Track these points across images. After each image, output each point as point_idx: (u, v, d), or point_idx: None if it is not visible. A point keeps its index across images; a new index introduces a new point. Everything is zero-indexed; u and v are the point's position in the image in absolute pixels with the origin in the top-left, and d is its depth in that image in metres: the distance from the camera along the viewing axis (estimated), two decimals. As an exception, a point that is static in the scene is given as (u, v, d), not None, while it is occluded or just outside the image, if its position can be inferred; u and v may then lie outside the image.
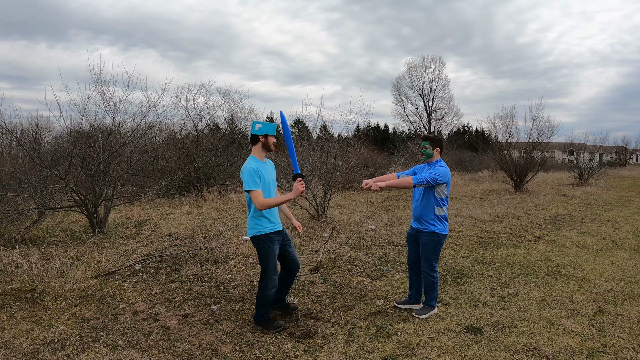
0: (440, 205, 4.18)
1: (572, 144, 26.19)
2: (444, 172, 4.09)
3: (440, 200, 4.18)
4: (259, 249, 3.84)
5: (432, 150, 4.23)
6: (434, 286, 4.29)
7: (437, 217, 4.19)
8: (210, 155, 13.47)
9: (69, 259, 5.88)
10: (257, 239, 3.82)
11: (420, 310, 4.31)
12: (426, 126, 53.64)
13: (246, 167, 3.71)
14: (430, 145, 4.22)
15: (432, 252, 4.22)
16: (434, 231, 4.18)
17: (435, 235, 4.19)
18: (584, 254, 6.72)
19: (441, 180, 4.07)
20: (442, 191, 4.16)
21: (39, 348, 3.52)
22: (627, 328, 4.00)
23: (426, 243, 4.22)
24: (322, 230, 8.23)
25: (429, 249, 4.22)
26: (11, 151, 10.33)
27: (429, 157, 4.26)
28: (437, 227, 4.19)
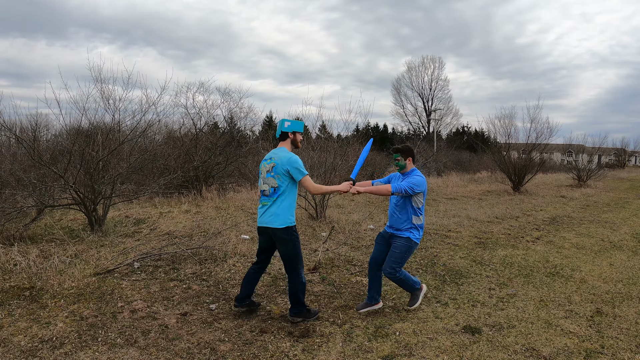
0: (417, 215, 4.20)
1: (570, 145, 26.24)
2: (420, 182, 4.11)
3: (417, 210, 4.19)
4: (289, 240, 3.86)
5: (405, 161, 4.25)
6: (406, 279, 4.28)
7: (414, 225, 4.20)
8: (209, 154, 13.46)
9: (68, 257, 5.88)
10: (289, 230, 3.86)
11: (411, 302, 4.40)
12: (425, 126, 53.72)
13: (292, 156, 3.86)
14: (402, 156, 4.24)
15: (400, 257, 4.19)
16: (408, 237, 4.19)
17: (409, 241, 4.18)
18: (582, 255, 6.74)
19: (418, 190, 4.09)
20: (419, 200, 4.17)
21: (37, 346, 3.52)
22: (624, 329, 4.01)
23: (398, 247, 4.18)
24: (321, 230, 8.23)
25: (399, 253, 4.18)
26: (10, 148, 10.32)
27: (403, 168, 4.28)
28: (413, 234, 4.20)
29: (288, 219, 3.85)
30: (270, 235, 3.92)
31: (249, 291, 4.18)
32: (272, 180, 3.86)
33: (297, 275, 3.95)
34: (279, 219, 3.84)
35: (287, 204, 3.86)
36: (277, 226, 3.84)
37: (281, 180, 3.83)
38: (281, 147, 3.97)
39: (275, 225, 3.85)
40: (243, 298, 4.18)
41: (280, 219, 3.83)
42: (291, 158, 3.82)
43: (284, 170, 3.81)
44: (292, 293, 3.99)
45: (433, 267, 5.97)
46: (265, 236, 4.01)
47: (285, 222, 3.83)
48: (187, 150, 13.29)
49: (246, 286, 4.15)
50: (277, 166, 3.84)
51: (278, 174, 3.83)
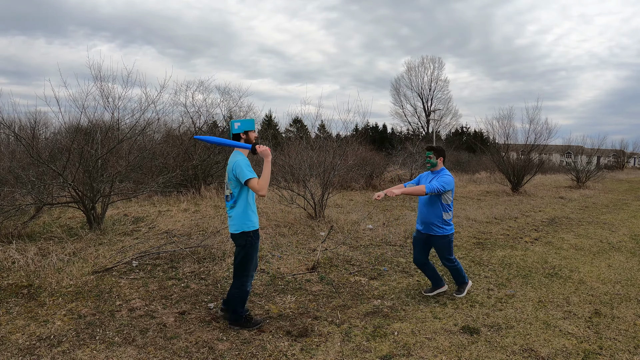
0: (447, 211, 4.56)
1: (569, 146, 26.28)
2: (449, 180, 4.44)
3: (447, 206, 4.54)
4: (244, 245, 3.78)
5: (436, 160, 4.60)
6: (459, 270, 4.79)
7: (444, 221, 4.55)
8: (208, 152, 13.46)
9: (66, 255, 5.87)
10: (245, 235, 3.77)
11: (458, 291, 4.83)
12: (424, 127, 53.72)
13: (237, 159, 3.71)
14: (434, 154, 4.59)
15: (447, 250, 4.65)
16: (443, 234, 4.57)
17: (446, 237, 4.59)
18: (580, 256, 6.74)
19: (448, 188, 4.41)
20: (448, 197, 4.51)
21: (35, 344, 3.51)
22: (623, 330, 4.01)
23: (441, 246, 4.63)
24: (320, 230, 8.23)
25: (444, 249, 4.64)
26: (9, 146, 10.31)
27: (433, 166, 4.63)
28: (446, 229, 4.57)
29: (244, 224, 3.76)
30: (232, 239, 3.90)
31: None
32: (229, 186, 3.81)
33: (241, 284, 3.84)
34: (234, 224, 3.79)
35: (241, 209, 3.77)
36: (232, 231, 3.81)
37: (233, 185, 3.76)
38: (235, 152, 3.84)
39: (231, 231, 3.82)
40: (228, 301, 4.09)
41: (236, 225, 3.78)
42: (235, 163, 3.69)
43: (233, 177, 3.72)
44: (230, 298, 3.89)
45: (432, 267, 5.97)
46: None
47: (239, 228, 3.76)
48: (186, 148, 13.28)
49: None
50: (228, 172, 3.78)
51: (230, 180, 3.77)
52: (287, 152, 11.45)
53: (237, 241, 3.81)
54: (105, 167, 8.04)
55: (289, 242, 7.18)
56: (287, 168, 10.20)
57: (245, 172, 3.63)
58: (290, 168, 10.01)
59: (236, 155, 3.78)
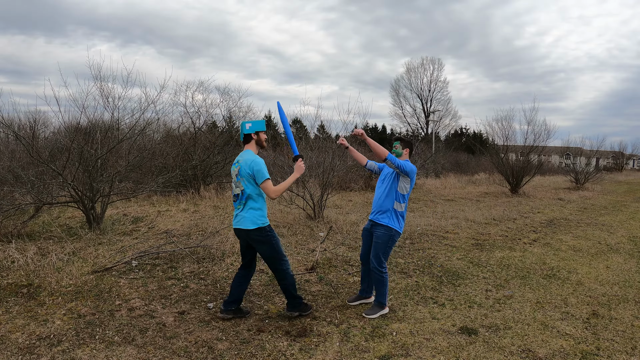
0: (400, 201, 4.25)
1: (568, 148, 26.31)
2: (412, 168, 4.21)
3: (401, 196, 4.25)
4: (265, 240, 3.86)
5: (402, 150, 4.43)
6: (384, 283, 4.26)
7: (395, 211, 4.24)
8: (207, 153, 13.46)
9: (66, 255, 5.88)
10: (263, 230, 3.85)
11: (369, 310, 4.29)
12: (424, 128, 53.75)
13: (256, 158, 3.80)
14: (400, 145, 4.44)
15: (383, 247, 4.24)
16: (388, 225, 4.21)
17: (389, 230, 4.21)
18: (579, 258, 6.76)
19: (408, 172, 4.15)
20: (404, 187, 4.23)
21: (35, 343, 3.52)
22: (620, 331, 4.03)
23: (379, 237, 4.24)
24: (319, 230, 8.24)
25: (381, 243, 4.23)
26: (9, 145, 10.31)
27: (398, 155, 4.44)
28: (393, 222, 4.23)
29: (259, 220, 3.83)
30: (245, 237, 3.92)
31: (237, 295, 4.11)
32: (240, 184, 3.85)
33: (283, 272, 3.96)
34: (249, 221, 3.83)
35: (256, 206, 3.84)
36: (249, 227, 3.84)
37: (246, 183, 3.81)
38: (247, 150, 3.92)
39: (247, 227, 3.84)
40: (231, 302, 4.10)
41: (251, 221, 3.82)
42: (254, 161, 3.77)
43: (247, 174, 3.78)
44: (284, 289, 4.06)
45: (430, 268, 5.99)
46: (242, 238, 4.00)
47: (255, 224, 3.82)
48: (185, 149, 13.29)
49: (234, 290, 4.09)
50: (241, 169, 3.82)
51: (243, 177, 3.81)
52: (287, 152, 11.46)
53: (255, 237, 3.85)
54: (105, 166, 8.05)
55: (288, 242, 7.20)
56: (286, 169, 10.21)
57: (264, 171, 3.76)
58: (290, 168, 10.02)
59: (250, 154, 3.86)
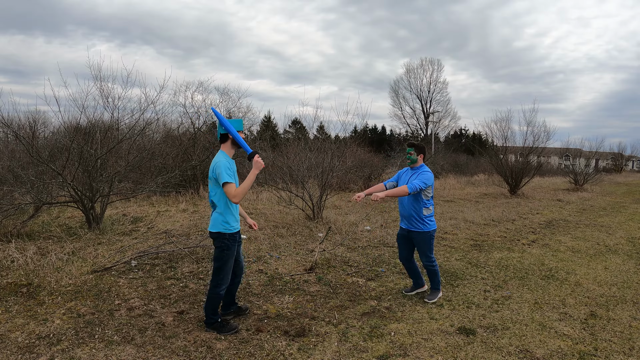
0: (427, 206, 4.59)
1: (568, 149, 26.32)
2: (430, 177, 4.50)
3: (427, 202, 4.57)
4: (220, 247, 3.75)
5: (417, 157, 4.64)
6: (436, 273, 4.76)
7: (424, 217, 4.57)
8: (207, 153, 13.47)
9: (65, 254, 5.89)
10: (221, 236, 3.74)
11: (430, 296, 4.77)
12: (423, 129, 53.78)
13: (219, 161, 3.66)
14: (414, 151, 4.64)
15: (427, 247, 4.64)
16: (424, 230, 4.58)
17: (427, 234, 4.60)
18: (577, 259, 6.78)
19: (429, 184, 4.48)
20: (428, 193, 4.54)
21: (34, 342, 3.53)
22: (618, 332, 4.05)
23: (420, 241, 4.62)
24: (318, 231, 8.26)
25: (424, 245, 4.63)
26: (8, 145, 10.31)
27: (414, 162, 4.67)
28: (427, 225, 4.59)
29: (220, 225, 3.74)
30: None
31: (231, 297, 4.13)
32: (209, 185, 3.80)
33: (215, 285, 3.79)
34: (212, 222, 3.79)
35: (220, 209, 3.75)
36: (209, 229, 3.81)
37: (212, 186, 3.76)
38: (219, 152, 3.81)
39: (209, 229, 3.82)
40: (226, 305, 4.13)
41: (213, 223, 3.78)
42: (216, 164, 3.65)
43: (212, 177, 3.71)
44: (207, 298, 3.84)
45: (429, 268, 6.00)
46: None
47: (216, 227, 3.75)
48: (185, 149, 13.30)
49: (229, 293, 4.10)
50: (210, 171, 3.76)
51: (210, 180, 3.76)
52: (286, 153, 11.48)
53: (214, 241, 3.80)
54: (105, 167, 8.06)
55: (287, 242, 7.21)
56: (285, 169, 10.23)
57: (224, 174, 3.59)
58: (289, 169, 10.04)
59: (220, 155, 3.74)
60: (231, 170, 3.68)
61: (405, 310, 4.44)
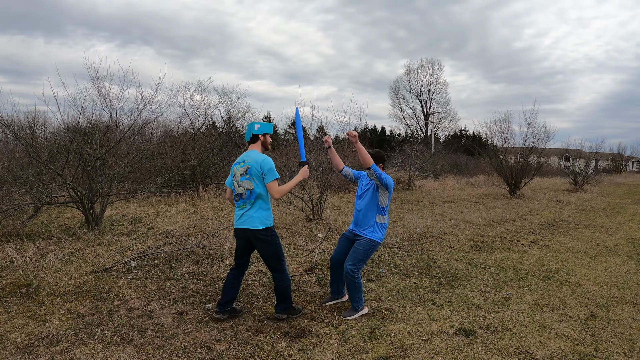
0: (382, 214, 4.32)
1: (568, 150, 26.30)
2: (391, 181, 4.25)
3: (382, 209, 4.31)
4: (270, 240, 3.90)
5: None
6: (357, 288, 4.26)
7: (377, 224, 4.31)
8: (206, 153, 13.46)
9: (65, 255, 5.88)
10: (269, 230, 3.90)
11: (347, 312, 4.31)
12: (423, 129, 53.81)
13: (266, 158, 3.85)
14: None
15: (363, 254, 4.25)
16: (372, 238, 4.25)
17: (372, 242, 4.26)
18: (577, 260, 6.78)
19: (388, 183, 4.19)
20: (384, 200, 4.30)
21: (34, 343, 3.52)
22: (618, 333, 4.04)
23: (361, 244, 4.25)
24: (318, 231, 8.25)
25: (361, 250, 4.24)
26: (8, 145, 10.31)
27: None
28: (376, 235, 4.28)
29: (267, 220, 3.88)
30: (249, 237, 3.91)
31: (230, 296, 4.11)
32: (248, 182, 3.83)
33: (282, 272, 3.99)
34: (257, 220, 3.84)
35: (265, 206, 3.89)
36: (257, 227, 3.84)
37: (256, 182, 3.82)
38: (252, 150, 3.96)
39: (255, 227, 3.84)
40: (225, 303, 4.10)
41: (259, 221, 3.84)
42: (265, 160, 3.82)
43: (258, 173, 3.80)
44: (279, 290, 4.04)
45: (429, 269, 6.00)
46: (243, 239, 3.98)
47: (264, 223, 3.86)
48: (184, 149, 13.29)
49: (227, 291, 4.09)
50: (251, 168, 3.81)
51: (252, 176, 3.81)
52: (285, 153, 11.47)
53: (262, 236, 3.86)
54: (104, 167, 8.05)
55: (287, 243, 7.20)
56: (285, 170, 10.22)
57: (275, 170, 3.82)
58: (289, 170, 10.04)
59: (257, 153, 3.91)
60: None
61: (405, 312, 4.44)
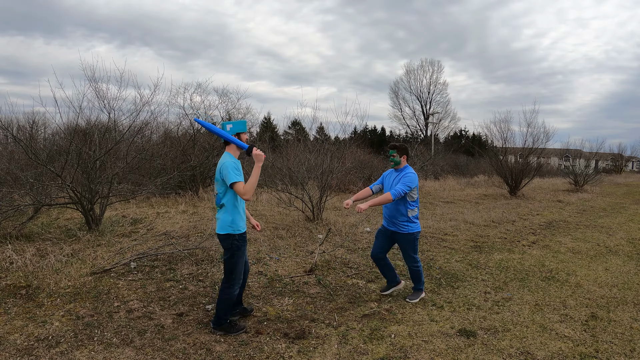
0: (412, 207, 4.53)
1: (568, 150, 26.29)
2: (413, 178, 4.45)
3: (412, 203, 4.52)
4: (230, 248, 3.75)
5: (400, 158, 4.60)
6: (420, 273, 4.75)
7: (409, 218, 4.54)
8: (206, 154, 13.45)
9: (64, 256, 5.87)
10: (230, 237, 3.74)
11: (411, 296, 4.77)
12: (423, 130, 53.78)
13: (225, 162, 3.66)
14: (397, 153, 4.59)
15: (412, 248, 4.64)
16: (409, 232, 4.56)
17: (411, 235, 4.58)
18: (577, 260, 6.77)
19: (413, 186, 4.43)
20: (413, 195, 4.50)
21: (33, 344, 3.52)
22: (619, 334, 4.03)
23: (405, 243, 4.61)
24: (318, 232, 8.24)
25: (409, 247, 4.62)
26: (7, 146, 10.30)
27: (397, 164, 4.62)
28: (412, 227, 4.56)
29: (228, 226, 3.73)
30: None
31: (239, 297, 4.13)
32: (216, 186, 3.79)
33: (228, 286, 3.80)
34: (219, 225, 3.77)
35: (228, 210, 3.74)
36: (218, 231, 3.78)
37: (220, 186, 3.75)
38: (225, 153, 3.82)
39: (217, 231, 3.79)
40: (235, 304, 4.11)
41: (221, 225, 3.75)
42: (223, 164, 3.66)
43: (219, 177, 3.72)
44: (218, 301, 3.84)
45: (429, 270, 5.99)
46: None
47: (224, 229, 3.73)
48: (184, 150, 13.28)
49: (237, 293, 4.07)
50: (216, 173, 3.76)
51: (217, 181, 3.76)
52: (286, 154, 11.47)
53: (223, 243, 3.79)
54: (104, 168, 8.04)
55: (287, 244, 7.19)
56: (285, 171, 10.21)
57: (232, 174, 3.59)
58: (289, 171, 10.03)
59: (225, 156, 3.75)
60: (238, 169, 3.69)
61: (406, 312, 4.43)
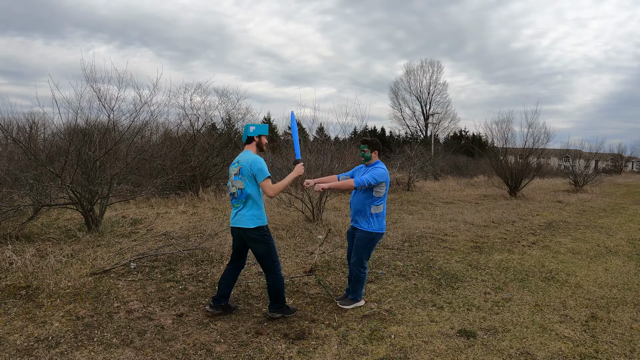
0: (377, 204, 4.35)
1: (568, 150, 26.28)
2: (382, 173, 4.29)
3: (377, 199, 4.36)
4: (262, 240, 3.95)
5: (371, 153, 4.49)
6: (361, 281, 4.46)
7: (372, 215, 4.36)
8: (206, 155, 13.46)
9: (64, 257, 5.87)
10: (261, 230, 3.95)
11: (343, 301, 4.54)
12: (423, 130, 53.80)
13: (257, 158, 3.92)
14: (368, 148, 4.49)
15: (363, 249, 4.38)
16: (368, 230, 4.34)
17: (368, 234, 4.35)
18: (577, 260, 6.77)
19: (380, 180, 4.27)
20: (379, 190, 4.34)
21: (33, 345, 3.51)
22: (619, 334, 4.03)
23: (359, 239, 4.39)
24: (317, 233, 8.24)
25: (361, 245, 4.37)
26: (7, 147, 10.30)
27: (367, 159, 4.50)
28: (372, 225, 4.35)
29: (258, 219, 3.94)
30: (242, 235, 4.00)
31: (224, 290, 4.21)
32: (240, 182, 3.94)
33: (275, 272, 4.04)
34: (248, 219, 3.92)
35: (256, 205, 3.95)
36: (248, 226, 3.92)
37: (247, 182, 3.91)
38: (247, 151, 4.06)
39: (246, 226, 3.92)
40: (219, 298, 4.20)
41: (250, 219, 3.92)
42: (255, 160, 3.90)
43: (249, 173, 3.89)
44: (272, 291, 4.08)
45: (429, 270, 5.99)
46: (238, 238, 4.09)
47: (255, 222, 3.92)
48: (184, 150, 13.28)
49: (222, 285, 4.20)
50: (242, 168, 3.93)
51: (244, 176, 3.92)
52: (286, 155, 11.47)
53: (254, 235, 3.93)
54: (103, 168, 8.04)
55: (287, 245, 7.19)
56: (285, 172, 10.21)
57: (265, 170, 3.87)
58: (289, 171, 10.03)
59: (250, 154, 3.98)
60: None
61: (406, 313, 4.43)
